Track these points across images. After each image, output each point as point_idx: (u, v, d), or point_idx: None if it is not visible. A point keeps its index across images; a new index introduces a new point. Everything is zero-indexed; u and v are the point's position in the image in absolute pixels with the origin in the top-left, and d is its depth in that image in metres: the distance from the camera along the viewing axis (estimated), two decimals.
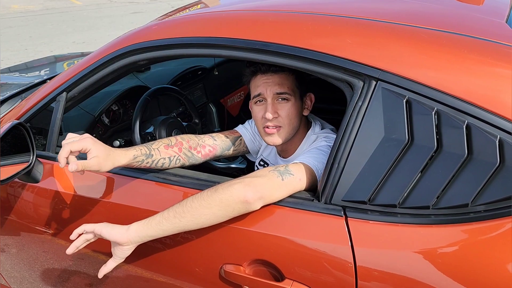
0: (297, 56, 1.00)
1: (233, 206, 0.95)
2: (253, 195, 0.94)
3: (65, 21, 8.94)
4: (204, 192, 0.97)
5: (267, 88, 1.20)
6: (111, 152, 1.07)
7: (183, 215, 0.96)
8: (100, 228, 1.01)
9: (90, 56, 1.32)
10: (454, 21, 1.05)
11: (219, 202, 0.95)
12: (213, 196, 0.95)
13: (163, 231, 0.98)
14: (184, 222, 0.97)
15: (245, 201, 0.94)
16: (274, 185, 0.98)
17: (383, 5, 1.16)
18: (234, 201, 0.94)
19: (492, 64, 0.86)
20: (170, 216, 0.97)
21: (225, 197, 0.94)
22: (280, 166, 1.05)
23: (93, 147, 1.02)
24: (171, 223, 0.97)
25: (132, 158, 1.12)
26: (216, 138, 1.38)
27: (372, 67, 0.92)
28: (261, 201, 0.96)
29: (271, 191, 0.97)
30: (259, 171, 1.04)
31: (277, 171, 1.01)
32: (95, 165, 1.02)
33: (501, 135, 0.81)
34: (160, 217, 0.98)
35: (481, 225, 0.82)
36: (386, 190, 0.89)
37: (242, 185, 0.96)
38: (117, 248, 1.02)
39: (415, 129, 0.87)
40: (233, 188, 0.95)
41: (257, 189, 0.95)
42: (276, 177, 0.99)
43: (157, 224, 0.98)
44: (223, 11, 1.30)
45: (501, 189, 0.81)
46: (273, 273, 0.98)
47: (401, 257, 0.87)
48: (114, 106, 1.87)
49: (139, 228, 0.99)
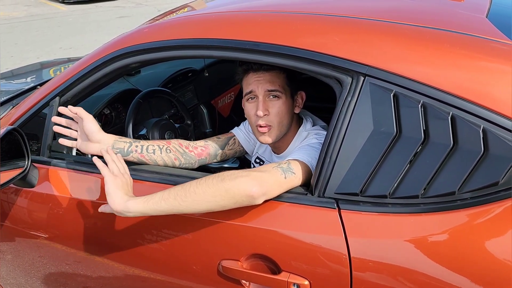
0: (287, 55, 1.02)
1: (237, 198, 0.95)
2: (259, 190, 0.95)
3: (50, 27, 8.89)
4: (209, 179, 0.97)
5: (258, 85, 1.23)
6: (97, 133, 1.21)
7: (184, 199, 0.96)
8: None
9: (82, 60, 1.34)
10: (437, 17, 1.09)
11: (225, 192, 0.95)
12: (219, 185, 0.95)
13: (160, 211, 0.98)
14: (184, 206, 0.97)
15: (250, 195, 0.95)
16: (277, 182, 1.00)
17: (368, 3, 1.19)
18: (240, 194, 0.95)
19: (473, 58, 0.90)
20: (171, 198, 0.97)
21: (231, 188, 0.95)
22: (283, 163, 1.06)
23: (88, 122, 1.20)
24: (170, 204, 0.97)
25: (118, 138, 1.22)
26: (208, 139, 1.41)
27: (359, 63, 0.95)
28: (264, 197, 0.98)
29: (274, 188, 0.99)
30: (264, 166, 1.06)
31: (281, 168, 1.03)
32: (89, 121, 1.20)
33: (484, 125, 0.84)
34: (159, 197, 0.98)
35: (468, 212, 0.85)
36: (376, 181, 0.92)
37: (250, 179, 0.96)
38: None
39: (402, 122, 0.91)
40: (240, 180, 0.95)
41: (263, 184, 0.96)
42: (279, 175, 1.01)
43: (155, 203, 0.98)
44: (213, 13, 1.32)
45: (485, 177, 0.84)
46: (270, 267, 1.00)
47: (393, 246, 0.90)
48: (106, 110, 1.88)
49: (136, 205, 0.99)
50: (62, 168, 1.31)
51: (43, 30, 8.61)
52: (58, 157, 1.37)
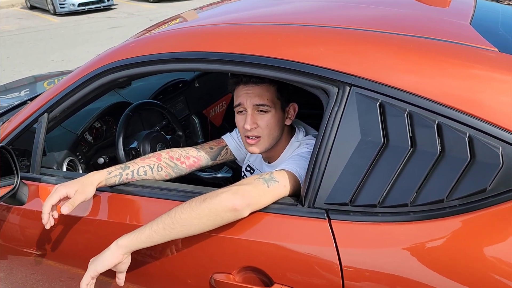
0: (274, 66, 1.03)
1: (222, 215, 0.97)
2: (241, 203, 0.97)
3: (42, 39, 8.88)
4: (192, 202, 0.99)
5: (247, 99, 1.23)
6: (85, 178, 1.16)
7: (172, 227, 0.98)
8: (94, 271, 1.02)
9: (69, 76, 1.33)
10: (421, 26, 1.10)
11: (208, 212, 0.97)
12: (202, 206, 0.97)
13: (153, 242, 1.01)
14: (174, 233, 0.99)
15: (233, 209, 0.96)
16: (260, 192, 1.01)
17: (352, 13, 1.20)
18: (222, 210, 0.96)
19: (458, 65, 0.91)
20: (160, 229, 0.99)
21: (213, 206, 0.96)
22: (265, 174, 1.07)
23: (68, 188, 1.12)
24: (161, 235, 0.99)
25: (107, 174, 1.19)
26: (201, 149, 1.41)
27: (345, 73, 0.95)
28: (249, 208, 0.98)
29: (258, 198, 1.00)
30: (245, 179, 1.07)
31: (262, 179, 1.04)
32: (80, 197, 1.11)
33: (470, 132, 0.85)
34: (149, 230, 1.00)
35: (457, 219, 0.86)
36: (365, 190, 0.93)
37: (230, 194, 0.98)
38: (117, 265, 1.03)
39: (389, 131, 0.91)
40: (221, 197, 0.97)
41: (245, 196, 0.98)
42: (261, 184, 1.02)
43: (147, 237, 1.00)
44: (200, 26, 1.33)
45: (473, 184, 0.85)
46: (262, 279, 1.00)
47: (384, 255, 0.90)
48: (97, 123, 1.87)
49: (129, 243, 1.01)
50: (52, 185, 1.31)
51: (35, 42, 8.61)
52: (48, 173, 1.36)
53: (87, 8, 11.78)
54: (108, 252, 1.02)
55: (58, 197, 1.11)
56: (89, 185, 1.14)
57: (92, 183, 1.15)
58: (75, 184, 1.13)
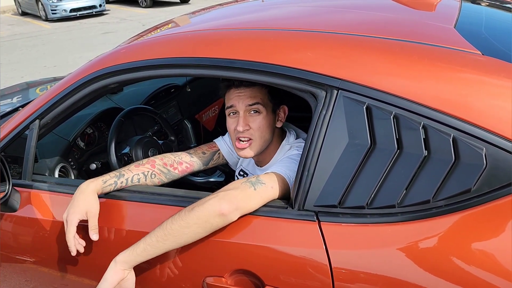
0: (263, 71, 1.04)
1: (211, 221, 0.99)
2: (229, 207, 0.98)
3: (34, 45, 8.85)
4: (182, 212, 1.01)
5: (239, 100, 1.24)
6: (84, 192, 1.16)
7: (165, 238, 1.00)
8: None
9: (60, 82, 1.34)
10: (406, 30, 1.12)
11: (197, 220, 0.99)
12: (191, 214, 0.99)
13: (150, 255, 1.03)
14: (167, 244, 1.01)
15: (221, 214, 0.98)
16: (247, 195, 1.02)
17: (339, 18, 1.22)
18: (211, 216, 0.98)
19: (442, 68, 0.93)
20: (153, 242, 1.01)
21: (202, 213, 0.98)
22: (252, 177, 1.09)
23: (78, 214, 1.13)
24: (155, 247, 1.02)
25: (103, 183, 1.19)
26: (194, 154, 1.42)
27: (332, 77, 0.97)
28: (237, 212, 1.00)
29: (246, 201, 1.01)
30: (232, 184, 1.08)
31: (249, 182, 1.05)
32: (95, 217, 1.14)
33: (454, 133, 0.87)
34: (143, 244, 1.02)
35: (443, 219, 0.87)
36: (354, 192, 0.94)
37: (217, 199, 0.99)
38: (121, 284, 1.05)
39: (376, 133, 0.93)
40: (208, 204, 0.99)
41: (232, 201, 0.99)
42: (248, 188, 1.03)
43: (142, 251, 1.03)
44: (190, 32, 1.34)
45: (458, 184, 0.86)
46: (254, 281, 1.01)
47: (373, 255, 0.91)
48: (89, 129, 1.88)
49: (126, 258, 1.04)
50: (44, 191, 1.31)
51: (27, 48, 8.58)
52: (40, 180, 1.36)
53: (79, 14, 11.74)
54: (108, 271, 1.05)
55: (75, 227, 1.12)
56: (91, 198, 1.15)
57: (93, 193, 1.16)
58: (81, 205, 1.14)
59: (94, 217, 1.13)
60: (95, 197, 1.16)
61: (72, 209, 1.14)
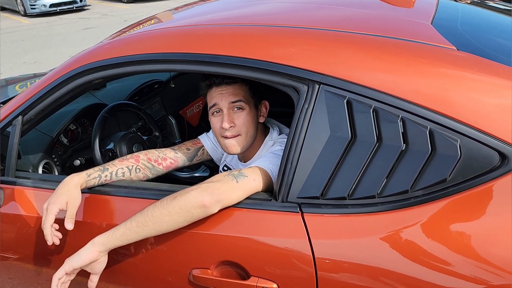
0: (245, 66, 1.06)
1: (192, 212, 1.00)
2: (210, 199, 1.00)
3: (13, 41, 8.66)
4: (164, 200, 1.02)
5: (222, 98, 1.25)
6: (67, 184, 1.16)
7: (145, 224, 1.02)
8: (69, 266, 1.05)
9: (44, 78, 1.33)
10: (385, 26, 1.15)
11: (179, 209, 1.00)
12: (172, 203, 1.01)
13: (128, 240, 1.04)
14: (147, 231, 1.02)
15: (202, 205, 1.00)
16: (229, 187, 1.04)
17: (320, 14, 1.25)
18: (192, 207, 1.00)
19: (418, 62, 0.96)
20: (133, 226, 1.02)
21: (183, 203, 1.00)
22: (234, 170, 1.11)
23: (58, 204, 1.12)
24: (134, 232, 1.03)
25: (87, 177, 1.20)
26: (178, 150, 1.43)
27: (314, 72, 0.99)
28: (219, 204, 1.02)
29: (227, 194, 1.03)
30: (215, 176, 1.10)
31: (232, 175, 1.07)
32: (74, 208, 1.13)
33: (431, 126, 0.90)
34: (123, 228, 1.03)
35: (421, 208, 0.91)
36: (335, 184, 0.97)
37: (199, 191, 1.01)
38: (92, 265, 1.06)
39: (356, 127, 0.96)
40: (190, 194, 1.01)
41: (214, 193, 1.01)
42: (230, 180, 1.05)
43: (121, 235, 1.03)
44: (173, 27, 1.35)
45: (434, 174, 0.90)
46: (239, 272, 1.03)
47: (355, 245, 0.94)
48: (72, 125, 1.86)
49: (104, 240, 1.04)
50: (28, 187, 1.30)
51: (5, 44, 8.38)
52: (24, 176, 1.36)
53: (59, 9, 11.53)
54: (84, 249, 1.05)
55: (54, 216, 1.11)
56: (74, 190, 1.15)
57: (76, 186, 1.16)
58: (62, 196, 1.13)
59: (73, 208, 1.13)
60: (77, 190, 1.16)
61: (53, 199, 1.13)
